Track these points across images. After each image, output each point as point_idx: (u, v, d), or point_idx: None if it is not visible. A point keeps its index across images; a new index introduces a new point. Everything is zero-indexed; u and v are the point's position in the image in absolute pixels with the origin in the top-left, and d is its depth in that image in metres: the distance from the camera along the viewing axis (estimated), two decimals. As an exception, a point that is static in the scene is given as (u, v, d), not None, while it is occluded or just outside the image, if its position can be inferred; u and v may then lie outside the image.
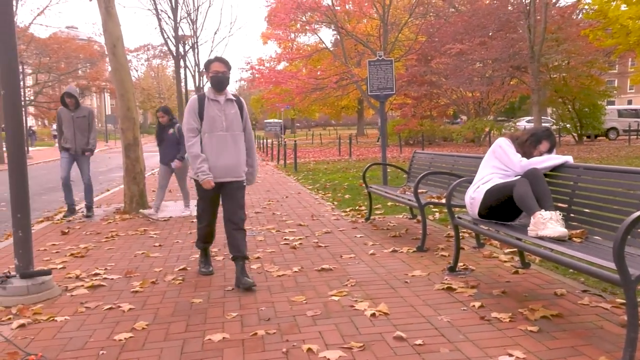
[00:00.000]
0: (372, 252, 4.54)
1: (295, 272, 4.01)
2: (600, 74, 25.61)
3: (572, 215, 3.22)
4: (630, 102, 50.39)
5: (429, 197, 4.96)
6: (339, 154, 20.84)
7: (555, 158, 3.49)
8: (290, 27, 30.68)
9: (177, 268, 4.24)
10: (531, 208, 3.12)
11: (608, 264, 2.36)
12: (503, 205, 3.45)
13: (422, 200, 4.69)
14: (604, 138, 26.08)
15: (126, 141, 7.20)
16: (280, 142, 18.83)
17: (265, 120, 31.22)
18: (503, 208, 3.48)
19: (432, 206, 5.69)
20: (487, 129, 23.51)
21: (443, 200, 4.66)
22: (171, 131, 6.73)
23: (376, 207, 6.93)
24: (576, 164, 3.36)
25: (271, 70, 29.63)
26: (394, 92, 7.77)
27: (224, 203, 3.77)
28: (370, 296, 3.37)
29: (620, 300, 3.09)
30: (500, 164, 3.64)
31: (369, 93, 7.72)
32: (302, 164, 16.12)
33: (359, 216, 6.43)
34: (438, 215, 6.38)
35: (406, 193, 5.36)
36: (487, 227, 3.49)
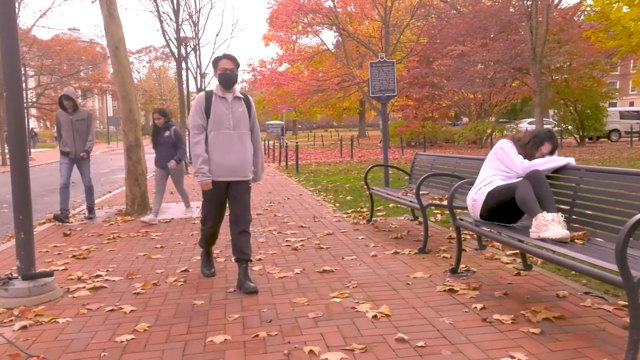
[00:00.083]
0: (373, 254, 4.54)
1: (297, 273, 4.01)
2: (602, 75, 25.57)
3: (574, 217, 3.22)
4: (632, 104, 50.29)
5: (431, 198, 4.96)
6: (341, 156, 20.84)
7: (557, 160, 3.49)
8: (291, 29, 30.75)
9: (179, 270, 4.25)
10: (533, 210, 3.12)
11: (610, 265, 2.36)
12: (505, 207, 3.45)
13: (423, 202, 4.69)
14: (606, 140, 26.04)
15: (128, 143, 7.21)
16: (282, 144, 18.84)
17: (267, 122, 31.31)
18: (505, 210, 3.47)
19: (434, 208, 5.67)
20: (488, 131, 23.48)
21: (445, 202, 4.66)
22: (167, 133, 6.63)
23: (378, 208, 6.93)
24: (578, 166, 3.35)
25: (273, 72, 29.65)
26: (396, 94, 7.77)
27: (230, 205, 3.71)
28: (372, 298, 3.36)
29: (623, 302, 3.07)
30: (502, 165, 3.64)
31: (370, 95, 7.72)
32: (303, 165, 16.12)
33: (361, 218, 6.43)
34: (440, 217, 6.37)
35: (408, 195, 5.36)
36: (489, 229, 3.49)
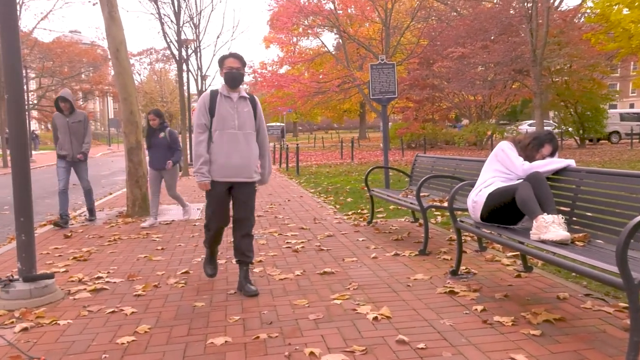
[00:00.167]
0: (374, 256, 4.54)
1: (298, 275, 4.01)
2: (602, 77, 25.57)
3: (574, 218, 3.22)
4: (632, 106, 50.33)
5: (431, 200, 4.96)
6: (341, 158, 20.85)
7: (557, 162, 3.49)
8: (292, 31, 30.83)
9: (180, 271, 4.25)
10: (533, 212, 3.12)
11: (611, 267, 2.36)
12: (505, 208, 3.45)
13: (424, 203, 4.69)
14: (606, 141, 26.04)
15: (129, 145, 7.22)
16: (282, 146, 18.85)
17: (268, 124, 31.43)
18: (505, 211, 3.48)
19: (434, 209, 5.68)
20: (489, 133, 23.49)
21: (445, 204, 4.66)
22: (162, 135, 6.53)
23: (378, 210, 6.93)
24: (578, 168, 3.36)
25: (273, 74, 29.68)
26: (396, 96, 7.77)
27: (235, 207, 3.64)
28: (373, 300, 3.36)
29: (623, 304, 3.08)
30: (502, 167, 3.64)
31: (371, 96, 7.73)
32: (304, 167, 16.13)
33: (361, 219, 6.43)
34: (440, 218, 6.38)
35: (408, 196, 5.36)
36: (490, 231, 3.49)
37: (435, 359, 2.48)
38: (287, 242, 5.23)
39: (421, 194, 4.85)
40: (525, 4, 19.83)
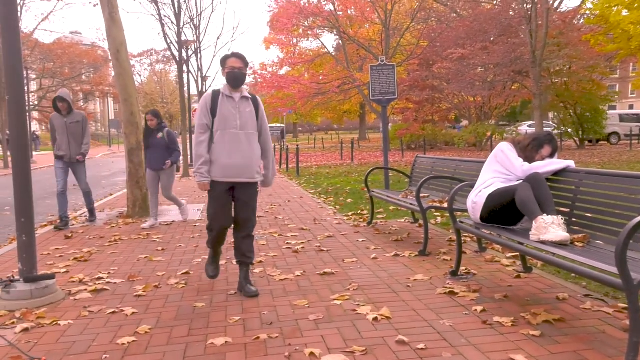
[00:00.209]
0: (374, 256, 4.55)
1: (298, 276, 4.02)
2: (601, 78, 25.60)
3: (574, 219, 3.23)
4: (631, 107, 50.33)
5: (431, 201, 4.97)
6: (341, 159, 20.86)
7: (557, 162, 3.50)
8: (292, 32, 30.83)
9: (180, 272, 4.25)
10: (533, 212, 3.13)
11: (610, 268, 2.37)
12: (505, 209, 3.46)
13: (424, 204, 4.70)
14: (606, 143, 26.05)
15: (129, 145, 7.23)
16: (283, 147, 18.87)
17: (268, 125, 31.57)
18: (505, 212, 3.48)
19: (434, 210, 5.70)
20: (488, 134, 23.51)
21: (445, 205, 4.67)
22: (160, 135, 6.48)
23: (378, 211, 6.94)
24: (578, 169, 3.36)
25: (273, 75, 29.72)
26: (396, 97, 7.79)
27: (237, 208, 3.62)
28: (373, 300, 3.37)
29: (623, 304, 3.08)
30: (502, 168, 3.65)
31: (371, 97, 7.75)
32: (304, 168, 16.14)
33: (361, 220, 6.44)
34: (440, 219, 6.38)
35: (408, 197, 5.37)
36: (489, 232, 3.50)
37: (435, 359, 2.48)
38: (288, 243, 5.24)
39: (421, 195, 4.86)
40: (525, 5, 19.86)
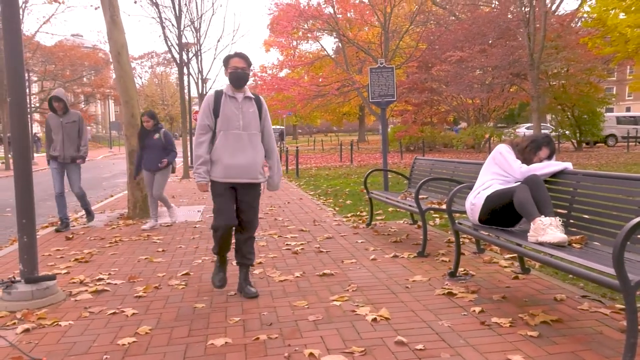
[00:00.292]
0: (373, 258, 4.57)
1: (297, 277, 4.04)
2: (599, 81, 25.68)
3: (571, 221, 3.25)
4: (628, 109, 50.44)
5: (430, 202, 4.99)
6: (340, 160, 20.88)
7: (554, 164, 3.52)
8: (292, 35, 30.84)
9: (180, 273, 4.27)
10: (531, 214, 3.15)
11: (607, 269, 2.39)
12: (503, 211, 3.48)
13: (422, 206, 4.72)
14: (603, 145, 26.11)
15: (130, 147, 7.25)
16: (282, 148, 18.89)
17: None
18: (503, 214, 3.51)
19: (433, 212, 5.72)
20: (487, 136, 23.56)
21: (444, 206, 4.69)
22: (156, 136, 6.44)
23: (377, 212, 6.96)
24: (575, 171, 3.39)
25: (273, 77, 29.77)
26: (395, 99, 7.81)
27: (239, 209, 3.59)
28: (372, 301, 3.39)
29: (620, 305, 3.11)
30: (500, 170, 3.67)
31: (370, 100, 7.77)
32: (303, 170, 16.16)
33: (360, 222, 6.46)
34: (438, 220, 6.41)
35: (407, 199, 5.39)
36: (488, 233, 3.52)
37: (433, 359, 2.50)
38: (287, 244, 5.26)
39: (420, 197, 4.88)
40: (523, 9, 19.94)
